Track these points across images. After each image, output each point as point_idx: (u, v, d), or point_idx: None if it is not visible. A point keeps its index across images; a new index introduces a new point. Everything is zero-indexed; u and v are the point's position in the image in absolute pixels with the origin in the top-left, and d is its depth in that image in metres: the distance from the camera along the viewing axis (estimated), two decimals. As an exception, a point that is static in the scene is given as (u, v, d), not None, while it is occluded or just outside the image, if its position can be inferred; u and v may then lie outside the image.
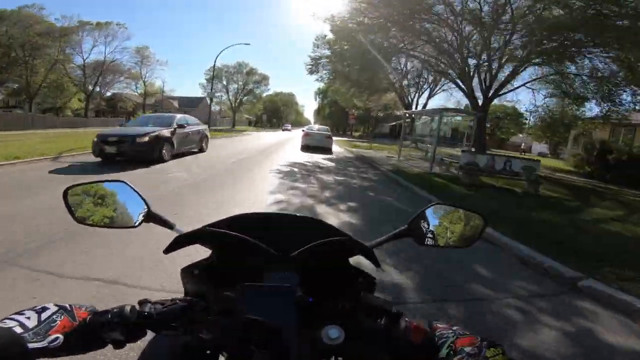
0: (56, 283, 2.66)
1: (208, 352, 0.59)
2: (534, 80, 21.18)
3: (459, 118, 16.73)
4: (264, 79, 53.92)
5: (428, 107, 30.12)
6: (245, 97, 54.59)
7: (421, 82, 27.70)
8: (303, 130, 21.47)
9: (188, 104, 60.20)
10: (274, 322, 0.55)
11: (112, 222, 0.82)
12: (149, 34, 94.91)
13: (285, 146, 20.14)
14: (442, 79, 27.68)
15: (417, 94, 29.97)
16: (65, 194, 0.80)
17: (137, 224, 0.81)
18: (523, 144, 46.53)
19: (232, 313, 0.58)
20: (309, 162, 12.77)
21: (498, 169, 10.96)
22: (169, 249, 0.68)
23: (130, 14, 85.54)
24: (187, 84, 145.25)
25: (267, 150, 16.16)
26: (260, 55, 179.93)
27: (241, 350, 0.55)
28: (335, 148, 22.04)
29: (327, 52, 21.61)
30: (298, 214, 0.87)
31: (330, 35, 20.52)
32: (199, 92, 56.13)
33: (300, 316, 0.59)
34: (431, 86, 28.78)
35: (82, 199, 0.81)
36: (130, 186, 0.81)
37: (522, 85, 21.13)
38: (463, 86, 20.51)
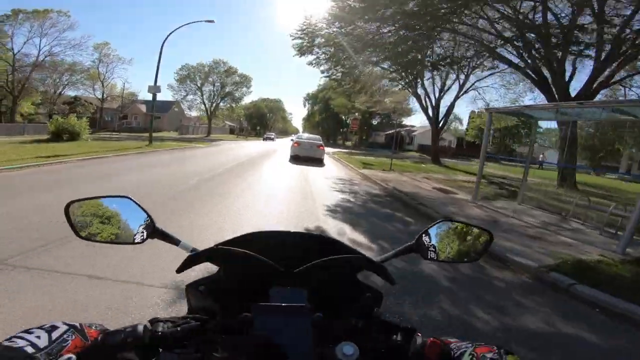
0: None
1: None
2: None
3: None
4: (245, 79, 45.60)
5: (453, 110, 22.76)
6: (223, 101, 46.03)
7: (455, 71, 20.04)
8: (292, 140, 19.32)
9: (157, 109, 51.43)
10: (289, 342, 0.55)
11: (117, 239, 0.78)
12: (113, 32, 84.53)
13: (252, 175, 10.38)
14: (473, 69, 20.17)
15: (440, 92, 22.37)
16: (67, 209, 0.75)
17: (141, 240, 0.78)
18: (542, 155, 39.65)
19: (246, 333, 0.56)
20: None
21: None
22: (181, 268, 0.67)
23: (93, 7, 76.30)
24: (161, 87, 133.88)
25: (204, 189, 7.68)
26: (244, 59, 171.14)
27: None
28: (337, 170, 14.09)
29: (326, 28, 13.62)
30: (310, 232, 0.85)
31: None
32: (169, 95, 47.30)
33: (315, 335, 0.58)
34: (461, 81, 21.24)
35: (85, 214, 0.77)
36: (134, 201, 0.78)
37: (621, 80, 13.64)
38: (535, 77, 13.02)
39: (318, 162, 15.45)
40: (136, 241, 0.78)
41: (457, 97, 21.68)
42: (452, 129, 48.88)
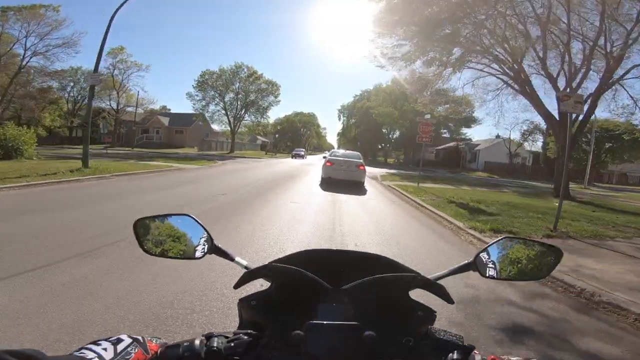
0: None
1: None
2: None
3: None
4: (273, 87, 38.65)
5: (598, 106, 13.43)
6: (247, 112, 39.29)
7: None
8: (324, 157, 14.51)
9: (180, 122, 46.19)
10: None
11: (178, 254, 0.82)
12: (131, 37, 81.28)
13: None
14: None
15: (578, 82, 13.15)
16: (135, 226, 0.81)
17: (201, 255, 0.81)
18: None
19: (297, 350, 0.56)
20: None
21: None
22: (238, 284, 0.70)
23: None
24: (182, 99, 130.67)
25: None
26: (274, 73, 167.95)
27: None
28: (431, 248, 5.44)
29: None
30: (363, 251, 0.82)
31: None
32: (189, 107, 41.56)
33: (365, 354, 0.57)
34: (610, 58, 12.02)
35: (150, 231, 0.83)
36: (194, 219, 0.81)
37: None
38: None
39: (357, 189, 10.95)
40: (195, 257, 0.81)
41: (607, 85, 12.34)
42: (524, 142, 38.59)
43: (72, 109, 43.08)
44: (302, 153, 38.09)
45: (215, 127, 43.49)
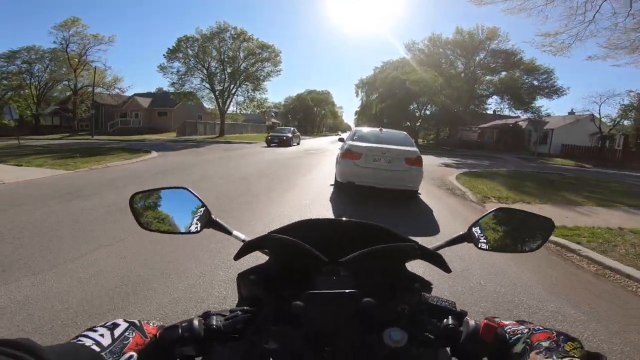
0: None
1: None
2: None
3: None
4: (269, 51, 28.97)
5: None
6: (237, 84, 29.98)
7: None
8: (340, 139, 8.38)
9: (163, 103, 37.64)
10: (338, 329, 0.55)
11: (174, 229, 0.80)
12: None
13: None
14: None
15: None
16: (131, 201, 0.78)
17: (198, 230, 0.78)
18: None
19: (297, 322, 0.56)
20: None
21: None
22: (238, 255, 0.68)
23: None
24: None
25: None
26: (286, 51, 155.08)
27: (304, 357, 0.55)
28: None
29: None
30: (362, 220, 0.78)
31: None
32: (165, 82, 32.43)
33: (363, 321, 0.57)
34: None
35: (147, 206, 0.79)
36: (191, 192, 0.78)
37: None
38: None
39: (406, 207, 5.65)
40: (192, 231, 0.78)
41: None
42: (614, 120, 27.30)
43: (37, 94, 35.53)
44: (287, 136, 21.40)
45: (207, 105, 34.59)
